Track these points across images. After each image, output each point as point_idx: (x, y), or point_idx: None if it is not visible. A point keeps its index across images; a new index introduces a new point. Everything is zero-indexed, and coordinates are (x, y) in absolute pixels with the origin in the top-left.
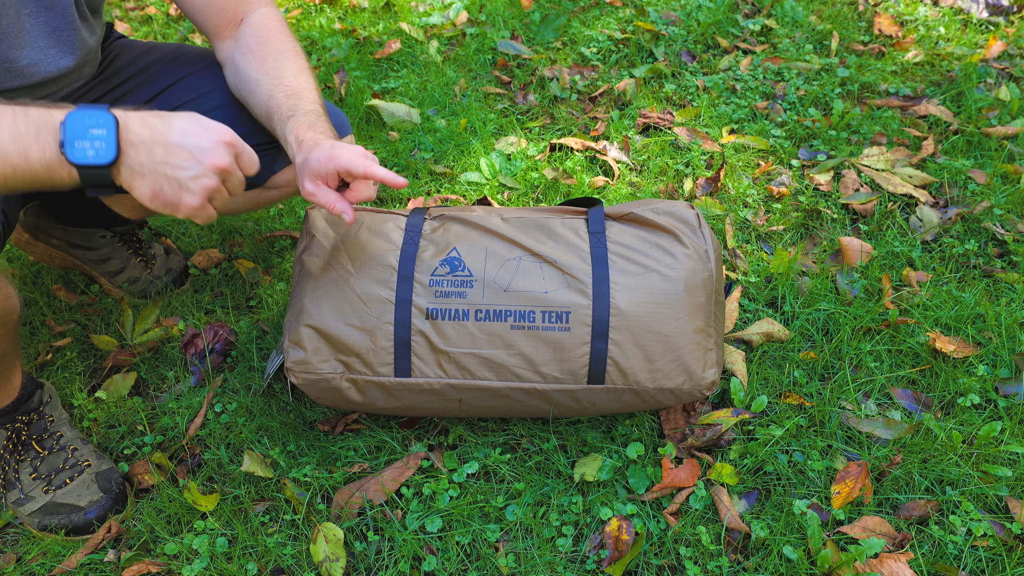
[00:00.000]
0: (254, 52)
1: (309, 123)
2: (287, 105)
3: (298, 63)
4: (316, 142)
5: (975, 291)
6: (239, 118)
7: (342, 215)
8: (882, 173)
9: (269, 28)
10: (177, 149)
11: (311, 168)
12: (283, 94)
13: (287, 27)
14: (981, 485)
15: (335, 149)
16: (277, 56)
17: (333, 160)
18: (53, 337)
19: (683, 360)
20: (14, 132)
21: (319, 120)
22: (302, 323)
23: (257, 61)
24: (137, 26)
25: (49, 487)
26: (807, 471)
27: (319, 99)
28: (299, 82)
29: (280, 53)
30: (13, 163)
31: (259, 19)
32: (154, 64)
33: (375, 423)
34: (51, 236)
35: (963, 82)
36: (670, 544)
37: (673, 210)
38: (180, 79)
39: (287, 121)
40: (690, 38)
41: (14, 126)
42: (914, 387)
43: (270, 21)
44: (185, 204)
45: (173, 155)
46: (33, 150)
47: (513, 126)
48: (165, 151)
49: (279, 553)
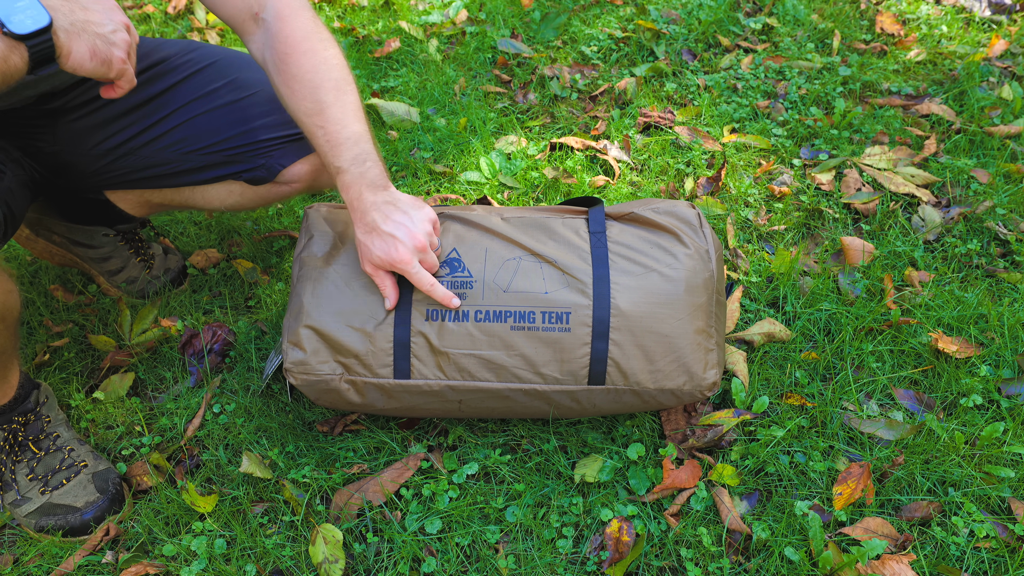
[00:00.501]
0: (280, 71)
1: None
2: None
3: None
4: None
5: (978, 291)
6: (249, 114)
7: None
8: (884, 172)
9: (293, 28)
10: (90, 10)
11: (373, 259)
12: (323, 138)
13: (313, 17)
14: (983, 486)
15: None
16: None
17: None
18: (50, 337)
19: (684, 361)
20: None
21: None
22: (301, 324)
23: (286, 87)
24: (136, 24)
25: (46, 488)
26: (809, 472)
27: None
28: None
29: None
30: None
31: (278, 21)
32: (165, 60)
33: (374, 424)
34: (53, 232)
35: (965, 81)
36: (671, 545)
37: (674, 210)
38: (192, 73)
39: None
40: (691, 36)
41: None
42: (916, 388)
43: (291, 26)
44: (117, 59)
45: (91, 15)
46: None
47: (513, 125)
48: (84, 12)
49: (278, 554)
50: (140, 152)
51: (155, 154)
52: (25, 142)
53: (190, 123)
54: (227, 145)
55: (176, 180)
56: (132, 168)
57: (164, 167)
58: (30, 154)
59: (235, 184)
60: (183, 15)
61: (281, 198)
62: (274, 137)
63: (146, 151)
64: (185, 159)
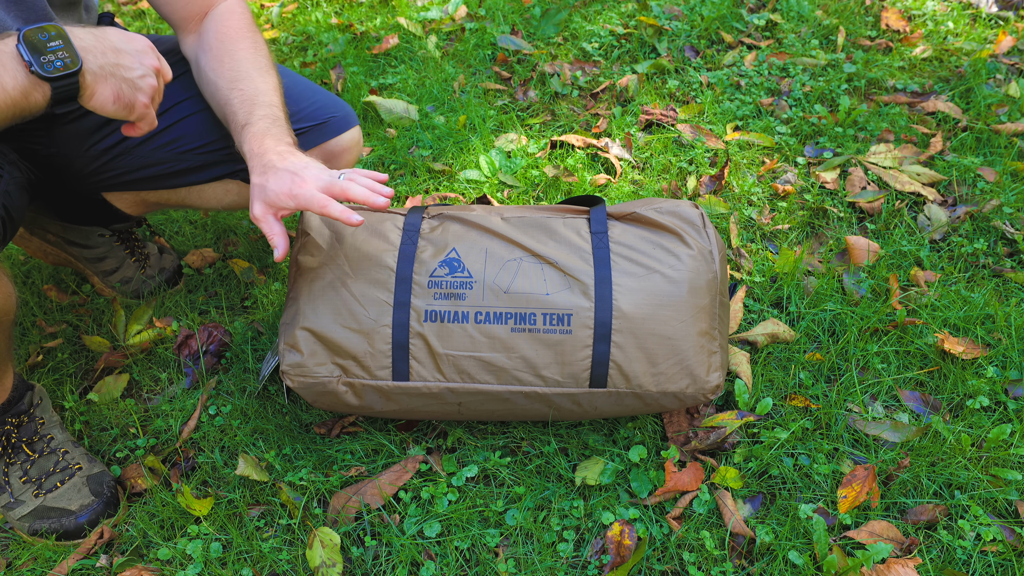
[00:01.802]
0: (212, 50)
1: (263, 132)
2: (242, 112)
3: (256, 64)
4: (271, 163)
5: (984, 291)
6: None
7: (275, 249)
8: (889, 171)
9: (230, 23)
10: (122, 53)
11: (269, 198)
12: (238, 99)
13: (251, 21)
14: (990, 489)
15: (295, 184)
16: (234, 55)
17: (294, 199)
18: (44, 338)
19: (687, 363)
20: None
21: (273, 126)
22: (298, 325)
23: (215, 61)
24: (130, 20)
25: (39, 491)
26: (813, 475)
27: (278, 101)
28: (254, 86)
29: (237, 52)
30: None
31: (222, 13)
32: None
33: (372, 426)
34: (48, 232)
35: (972, 78)
36: (673, 549)
37: (677, 209)
38: (175, 77)
39: (241, 131)
40: (693, 33)
41: None
42: (922, 389)
43: (232, 16)
44: (140, 103)
45: (121, 58)
46: (5, 79)
47: (513, 123)
48: (115, 55)
49: (274, 558)
50: (136, 151)
51: (150, 154)
52: (21, 144)
53: (185, 122)
54: (223, 144)
55: (173, 181)
56: (128, 168)
57: (160, 167)
58: (26, 156)
59: (232, 183)
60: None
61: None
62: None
63: (141, 150)
64: (181, 159)
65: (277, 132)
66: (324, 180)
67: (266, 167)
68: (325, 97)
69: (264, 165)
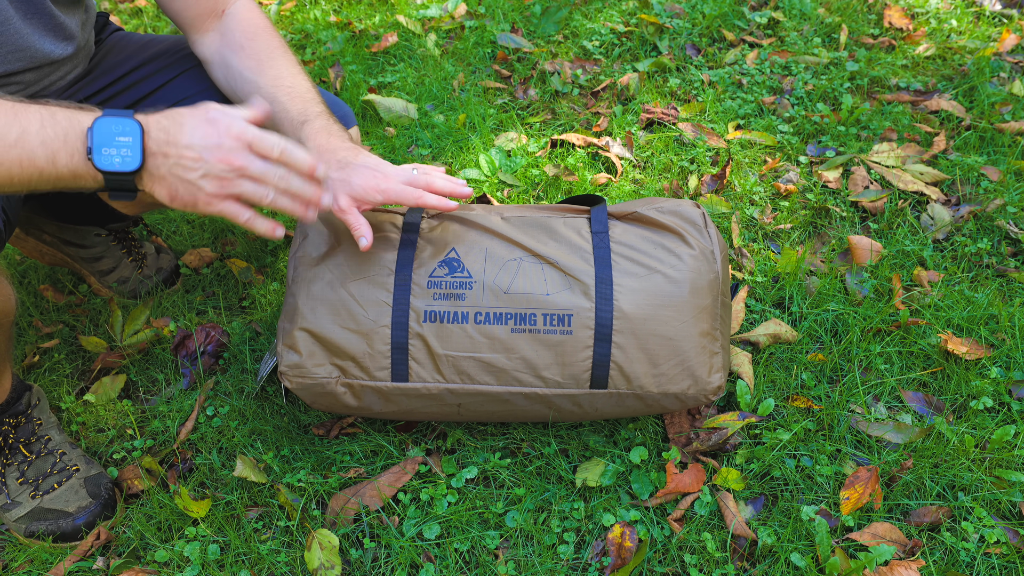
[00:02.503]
0: (245, 49)
1: (325, 129)
2: (295, 110)
3: (291, 61)
4: (347, 160)
5: (988, 291)
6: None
7: (360, 239)
8: (892, 170)
9: (255, 22)
10: (185, 150)
11: (356, 193)
12: (286, 97)
13: (269, 20)
14: (994, 491)
15: (380, 180)
16: (271, 55)
17: (383, 193)
18: (40, 338)
19: (688, 364)
20: (42, 136)
21: (331, 123)
22: (296, 326)
23: (251, 60)
24: (127, 19)
25: (36, 492)
26: (815, 476)
27: (322, 99)
28: (299, 83)
29: (273, 51)
30: (40, 167)
31: (242, 11)
32: (149, 61)
33: (371, 427)
34: (43, 232)
35: (976, 76)
36: (674, 551)
37: (678, 209)
38: (175, 77)
39: (301, 127)
40: (695, 31)
41: (42, 130)
42: (925, 390)
43: (253, 14)
44: (202, 203)
45: (183, 157)
46: (61, 155)
47: (513, 121)
48: (177, 153)
49: (272, 560)
50: None
51: None
52: None
53: None
54: None
55: None
56: None
57: None
58: None
59: None
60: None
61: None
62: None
63: None
64: None
65: (337, 130)
66: (405, 175)
67: (342, 163)
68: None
69: (340, 161)
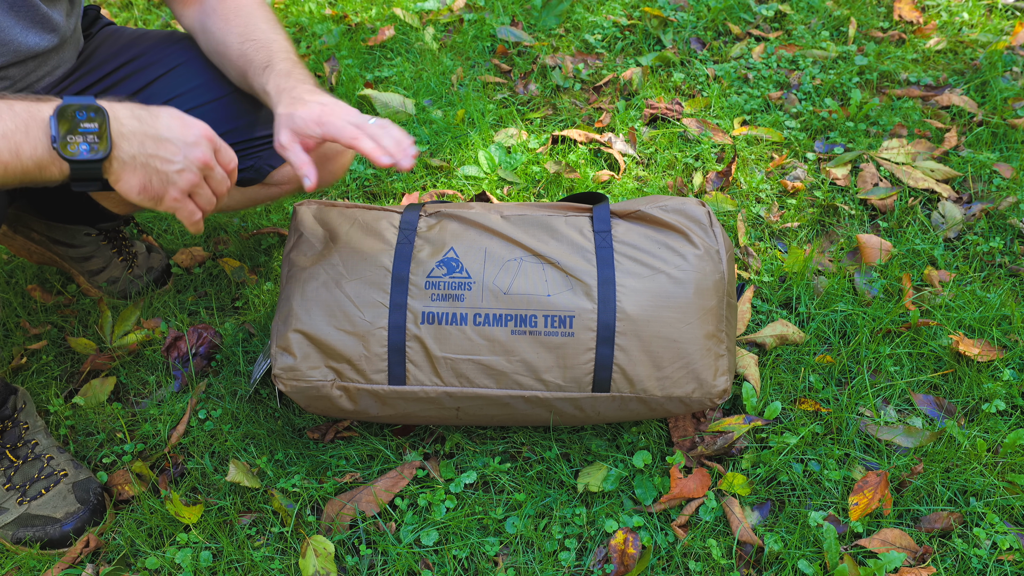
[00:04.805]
0: (217, 11)
1: (287, 72)
2: (259, 57)
3: (264, 15)
4: (300, 96)
5: (1000, 291)
6: (231, 112)
7: (304, 179)
8: (902, 167)
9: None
10: (165, 143)
11: (296, 125)
12: (253, 48)
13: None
14: (1007, 496)
15: (324, 113)
16: (239, 10)
17: (322, 126)
18: (28, 339)
19: (693, 367)
20: (2, 129)
21: (296, 68)
22: (291, 328)
23: (222, 20)
24: (117, 12)
25: (23, 498)
26: (823, 481)
27: (291, 47)
28: (268, 34)
29: (243, 6)
30: (4, 161)
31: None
32: (141, 55)
33: (368, 430)
34: (32, 230)
35: (988, 71)
36: (679, 558)
37: (683, 207)
38: (167, 72)
39: (263, 72)
40: (700, 24)
41: (1, 123)
42: (936, 392)
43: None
44: (169, 197)
45: (162, 148)
46: (25, 148)
47: (513, 117)
48: (155, 144)
49: (266, 568)
50: None
51: None
52: None
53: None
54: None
55: None
56: None
57: None
58: None
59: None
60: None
61: (270, 199)
62: (262, 136)
63: None
64: None
65: (300, 74)
66: (354, 117)
67: (294, 99)
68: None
69: (293, 98)
